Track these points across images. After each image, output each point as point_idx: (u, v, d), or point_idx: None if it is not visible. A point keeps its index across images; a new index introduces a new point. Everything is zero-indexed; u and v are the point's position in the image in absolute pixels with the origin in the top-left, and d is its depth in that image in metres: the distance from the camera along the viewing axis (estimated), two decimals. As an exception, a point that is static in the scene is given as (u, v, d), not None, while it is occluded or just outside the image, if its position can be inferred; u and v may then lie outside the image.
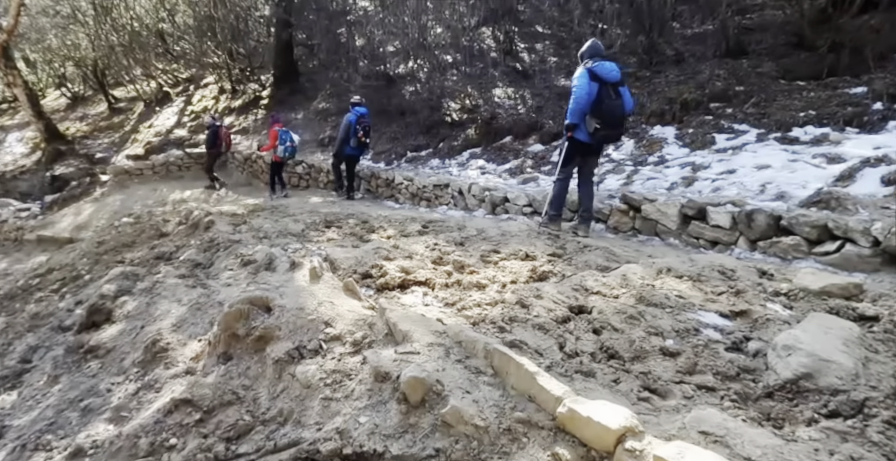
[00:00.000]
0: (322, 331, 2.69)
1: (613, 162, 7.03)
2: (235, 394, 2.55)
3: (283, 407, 2.41)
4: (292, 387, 2.49)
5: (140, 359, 3.14)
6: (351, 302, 3.01)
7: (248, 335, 2.76)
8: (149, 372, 3.03)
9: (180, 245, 6.72)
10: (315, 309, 2.81)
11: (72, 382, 3.59)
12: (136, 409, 2.79)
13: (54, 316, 6.06)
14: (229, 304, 2.88)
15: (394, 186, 8.78)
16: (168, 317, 3.89)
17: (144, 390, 2.89)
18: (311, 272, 3.21)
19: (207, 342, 2.99)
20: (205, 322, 3.61)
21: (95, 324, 4.29)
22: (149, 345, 3.14)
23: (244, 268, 4.85)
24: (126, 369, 3.46)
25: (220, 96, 15.86)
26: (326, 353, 2.60)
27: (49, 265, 7.74)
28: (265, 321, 2.77)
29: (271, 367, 2.60)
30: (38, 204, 11.83)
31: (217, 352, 2.84)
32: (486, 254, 4.43)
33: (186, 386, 2.67)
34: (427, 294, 3.53)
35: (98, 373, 3.56)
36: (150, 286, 4.66)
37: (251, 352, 2.73)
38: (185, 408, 2.53)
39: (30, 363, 5.16)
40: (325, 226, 6.45)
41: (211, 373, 2.72)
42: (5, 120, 20.87)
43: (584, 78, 4.79)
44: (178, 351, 3.10)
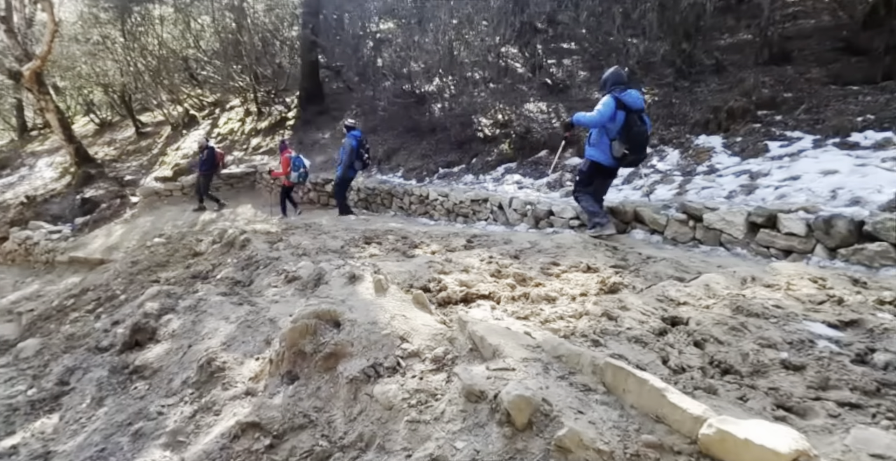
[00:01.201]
0: (398, 347, 2.46)
1: (660, 172, 6.78)
2: (307, 416, 2.32)
3: (363, 431, 2.17)
4: (371, 409, 2.25)
5: (194, 380, 2.93)
6: (423, 315, 2.78)
7: (317, 352, 2.54)
8: (205, 393, 2.82)
9: (216, 263, 6.58)
10: (388, 323, 2.58)
11: (118, 405, 3.39)
12: (195, 434, 2.57)
13: (90, 336, 5.91)
14: (293, 319, 2.67)
15: (427, 203, 8.59)
16: (216, 336, 3.69)
17: (202, 413, 2.67)
18: (377, 284, 2.99)
19: (268, 361, 2.77)
20: (257, 340, 3.41)
21: (139, 344, 4.10)
22: (203, 364, 2.94)
23: (289, 284, 4.67)
24: (177, 390, 3.26)
25: (246, 118, 15.96)
26: (406, 371, 2.36)
27: (83, 285, 7.64)
28: (335, 337, 2.55)
29: (345, 387, 2.37)
30: (70, 226, 11.86)
31: (280, 372, 2.62)
32: (545, 267, 4.19)
33: (251, 408, 2.45)
34: (495, 308, 3.29)
35: (146, 395, 3.36)
36: (194, 304, 4.48)
37: (321, 371, 2.50)
38: (252, 432, 2.30)
39: (67, 385, 4.98)
40: (364, 242, 6.26)
41: (277, 394, 2.49)
42: (35, 146, 21.29)
43: (610, 106, 4.86)
44: (235, 370, 2.89)
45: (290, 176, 9.66)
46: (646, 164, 7.12)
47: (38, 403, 4.78)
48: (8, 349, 6.62)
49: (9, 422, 4.53)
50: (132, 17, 16.22)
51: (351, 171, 8.70)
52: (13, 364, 5.99)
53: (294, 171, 9.65)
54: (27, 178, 17.29)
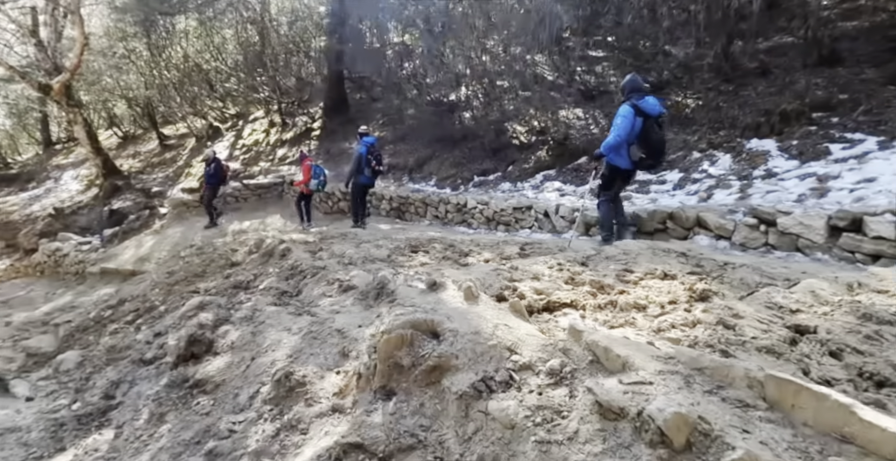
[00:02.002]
0: (507, 359, 2.25)
1: (713, 177, 6.55)
2: (414, 436, 2.11)
3: (482, 452, 1.96)
4: (488, 428, 2.04)
5: (271, 395, 2.73)
6: (525, 325, 2.57)
7: (416, 365, 2.33)
8: (285, 410, 2.61)
9: (257, 273, 6.42)
10: (492, 333, 2.37)
11: (182, 421, 3.20)
12: (282, 455, 2.37)
13: (133, 348, 5.76)
14: (384, 330, 2.46)
15: (465, 211, 8.40)
16: (280, 348, 3.50)
17: (286, 432, 2.47)
18: (467, 292, 2.79)
19: (354, 375, 2.57)
20: (329, 352, 3.21)
21: (195, 356, 3.92)
22: (280, 378, 2.74)
23: (344, 293, 4.48)
24: (245, 406, 3.07)
25: (271, 129, 15.96)
26: (521, 386, 2.15)
27: (119, 296, 7.52)
28: (436, 348, 2.34)
29: (454, 404, 2.15)
30: (98, 237, 11.81)
31: (373, 387, 2.42)
32: (620, 274, 3.97)
33: (348, 427, 2.24)
34: (583, 317, 3.07)
35: (212, 411, 3.16)
36: (250, 314, 4.30)
37: (422, 386, 2.29)
38: (355, 453, 2.09)
39: (113, 399, 4.82)
40: (410, 250, 6.08)
41: (374, 411, 2.28)
42: (60, 159, 21.47)
43: (629, 114, 5.04)
44: (316, 385, 2.69)
45: (309, 184, 9.70)
46: (697, 169, 6.91)
47: (85, 418, 4.62)
48: (47, 361, 6.48)
49: (57, 438, 4.36)
50: (157, 30, 16.32)
51: (362, 177, 8.64)
52: (53, 376, 5.85)
53: (314, 178, 9.73)
54: (53, 191, 17.38)
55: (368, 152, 8.47)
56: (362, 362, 2.54)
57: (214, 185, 11.05)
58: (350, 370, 2.72)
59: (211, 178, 10.93)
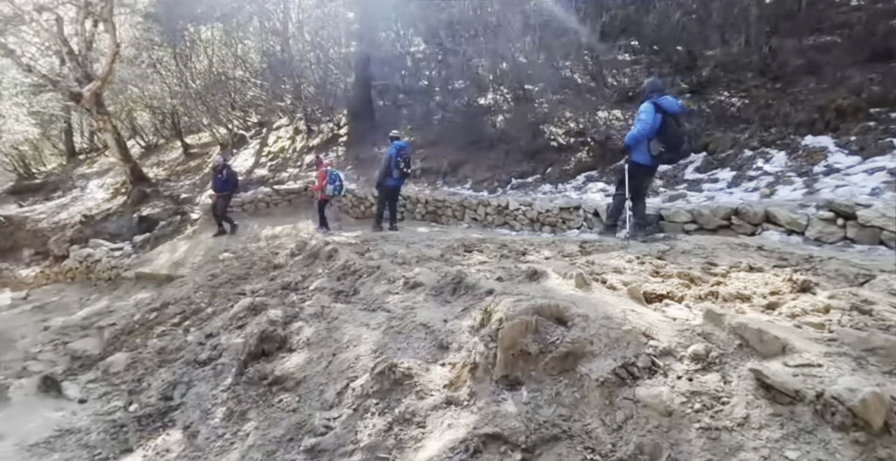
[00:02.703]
0: (646, 345, 2.12)
1: (770, 174, 6.40)
2: (556, 426, 1.98)
3: (639, 441, 1.83)
4: (640, 415, 1.90)
5: (375, 389, 2.60)
6: (649, 311, 2.44)
7: (545, 352, 2.20)
8: (393, 403, 2.48)
9: (305, 274, 6.33)
10: (624, 318, 2.25)
11: (267, 418, 3.08)
12: (399, 448, 2.24)
13: (184, 350, 5.67)
14: (504, 317, 2.33)
15: (507, 213, 8.28)
16: (362, 343, 3.38)
17: (400, 425, 2.34)
18: (578, 279, 2.67)
19: (469, 365, 2.44)
20: (419, 346, 3.08)
21: (265, 354, 3.81)
22: (384, 371, 2.61)
23: (412, 290, 4.37)
24: (334, 402, 2.95)
25: (296, 137, 15.96)
26: (667, 372, 2.01)
27: (163, 299, 7.45)
28: (566, 334, 2.21)
29: (595, 391, 2.02)
30: (130, 243, 11.80)
31: (494, 377, 2.29)
32: (705, 267, 3.83)
33: (478, 418, 2.11)
34: (690, 307, 2.92)
35: (298, 408, 3.04)
36: (320, 311, 4.19)
37: (553, 374, 2.17)
38: (495, 445, 1.97)
39: (171, 400, 4.73)
40: (464, 250, 5.96)
41: (502, 401, 2.15)
42: (84, 168, 21.64)
43: (650, 111, 5.35)
44: (422, 377, 2.56)
45: (325, 189, 9.71)
46: (751, 166, 6.77)
47: (145, 419, 4.52)
48: (93, 364, 6.40)
49: (120, 440, 4.26)
50: (184, 40, 16.46)
51: (390, 179, 8.70)
52: (103, 378, 5.77)
53: (330, 184, 9.73)
54: (79, 199, 17.47)
55: (398, 154, 8.53)
56: (477, 352, 2.41)
57: (228, 193, 10.73)
58: (457, 361, 2.59)
59: (224, 186, 10.50)
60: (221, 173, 10.45)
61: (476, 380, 2.36)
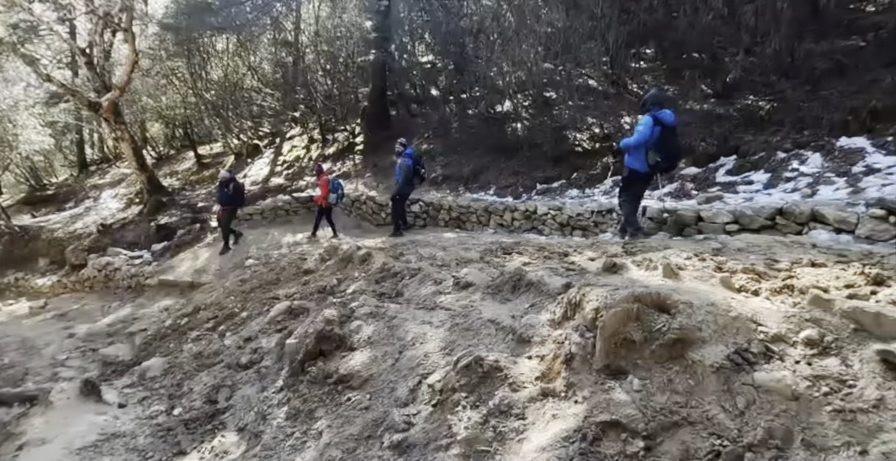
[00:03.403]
0: (755, 331, 2.08)
1: (806, 175, 6.37)
2: (674, 412, 1.93)
3: (768, 425, 1.78)
4: (763, 400, 1.86)
5: (461, 383, 2.54)
6: (749, 298, 2.39)
7: (650, 340, 2.16)
8: (485, 396, 2.43)
9: (341, 278, 6.30)
10: (729, 305, 2.20)
11: (339, 417, 3.02)
12: (501, 440, 2.19)
13: (223, 354, 5.63)
14: (603, 306, 2.29)
15: (535, 218, 8.25)
16: (429, 341, 3.34)
17: (497, 418, 2.29)
18: (666, 269, 2.63)
19: (562, 357, 2.38)
20: (493, 341, 3.05)
21: (323, 353, 3.75)
22: (470, 365, 2.56)
23: (464, 290, 4.33)
24: (407, 399, 2.90)
25: (311, 146, 15.99)
26: (783, 357, 1.96)
27: (194, 305, 7.40)
28: (671, 322, 2.16)
29: (711, 377, 1.98)
30: (149, 252, 11.77)
31: (595, 366, 2.24)
32: (768, 263, 3.77)
33: (587, 407, 2.06)
34: (769, 300, 2.87)
35: (371, 405, 2.99)
36: (374, 311, 4.13)
37: (661, 361, 2.12)
38: (614, 432, 1.91)
39: (216, 403, 4.68)
40: (503, 252, 5.91)
41: (610, 389, 2.10)
42: (96, 179, 21.67)
43: (649, 123, 5.62)
44: (511, 370, 2.50)
45: (328, 198, 9.94)
46: (786, 168, 6.74)
47: (192, 423, 4.47)
48: (127, 369, 6.34)
49: (171, 443, 4.21)
50: (199, 50, 16.58)
51: (408, 186, 9.03)
52: (140, 383, 5.71)
53: (332, 192, 9.99)
54: (93, 209, 17.47)
55: (416, 163, 8.91)
56: (572, 342, 2.36)
57: (234, 208, 10.62)
58: (545, 353, 2.53)
59: (230, 200, 10.37)
60: (228, 187, 10.35)
61: (573, 371, 2.30)
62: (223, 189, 10.39)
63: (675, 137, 5.83)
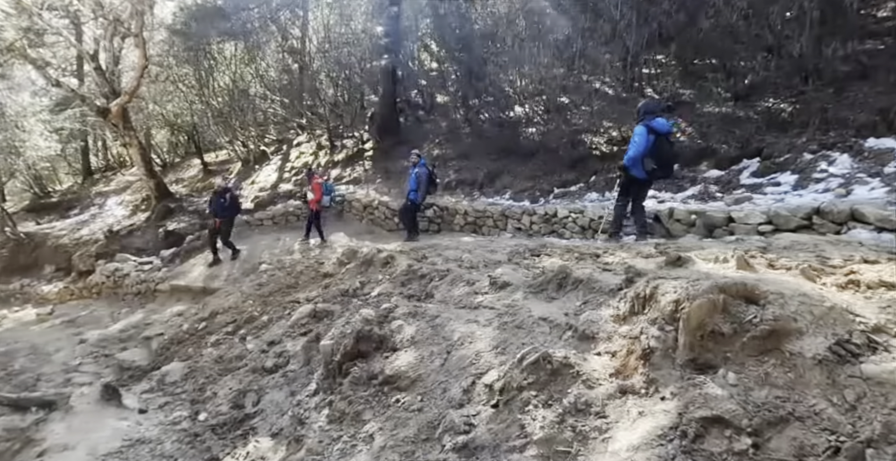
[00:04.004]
0: (854, 322, 1.96)
1: (836, 176, 6.28)
2: (778, 407, 1.82)
3: (886, 419, 1.66)
4: (875, 393, 1.75)
5: (528, 381, 2.41)
6: (829, 288, 2.27)
7: (741, 332, 2.04)
8: (556, 394, 2.30)
9: (364, 281, 6.18)
10: (822, 295, 2.08)
11: (390, 419, 2.89)
12: (581, 440, 2.05)
13: (245, 358, 5.50)
14: (685, 297, 2.17)
15: (555, 221, 8.15)
16: (478, 340, 3.21)
17: (574, 416, 2.16)
18: (740, 261, 2.52)
19: (639, 352, 2.26)
20: (548, 339, 2.92)
21: (362, 354, 3.61)
22: (538, 361, 2.43)
23: (502, 290, 4.23)
24: (461, 399, 2.77)
25: (319, 152, 15.91)
26: (888, 348, 1.84)
27: (210, 309, 7.26)
28: (761, 313, 2.04)
29: (814, 370, 1.87)
30: (158, 258, 11.64)
31: (679, 361, 2.12)
32: (820, 260, 3.65)
33: (683, 402, 1.94)
34: (840, 295, 2.75)
35: (424, 406, 2.85)
36: (412, 311, 4.00)
37: (754, 354, 2.00)
38: (717, 429, 1.78)
39: (243, 408, 4.55)
40: (531, 254, 5.79)
41: (701, 384, 1.98)
42: (101, 187, 21.56)
43: (643, 133, 5.91)
44: (583, 366, 2.37)
45: (322, 200, 10.16)
46: (814, 169, 6.65)
47: (220, 428, 4.33)
48: (145, 374, 6.20)
49: (200, 449, 4.07)
50: (208, 56, 16.55)
51: (421, 194, 9.17)
52: (159, 389, 5.57)
53: (326, 195, 10.23)
54: (99, 216, 17.36)
55: (430, 172, 9.13)
56: (650, 336, 2.24)
57: (230, 218, 10.35)
58: (615, 349, 2.41)
59: (226, 211, 10.12)
60: (224, 197, 10.11)
61: (653, 367, 2.18)
62: (220, 199, 10.12)
63: (669, 145, 6.10)
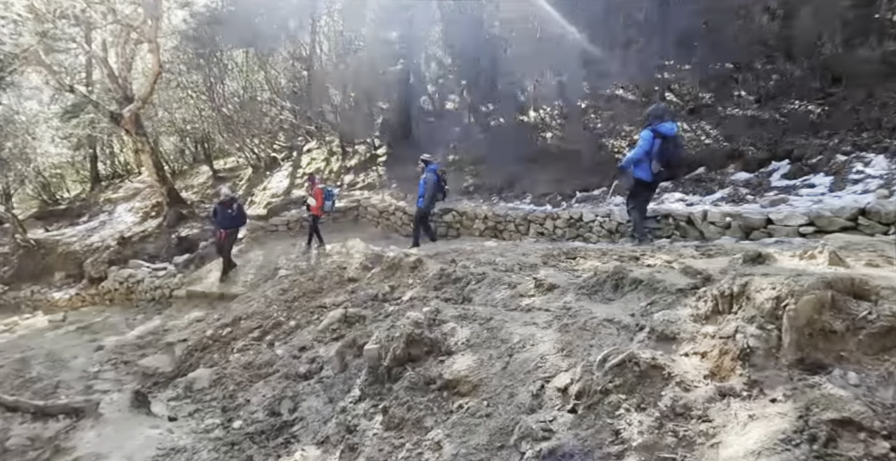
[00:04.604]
0: (982, 319, 1.82)
1: (875, 177, 6.19)
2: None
3: None
4: None
5: (615, 383, 2.27)
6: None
7: (854, 329, 1.91)
8: (648, 397, 2.16)
9: (394, 285, 6.06)
10: (941, 290, 1.95)
11: (457, 425, 2.76)
12: (686, 446, 1.92)
13: (276, 364, 5.36)
14: (789, 293, 2.04)
15: (581, 225, 8.04)
16: (541, 342, 3.09)
17: (673, 421, 2.02)
18: (832, 257, 2.39)
19: (736, 352, 2.13)
20: (615, 341, 2.80)
21: (412, 358, 3.48)
22: (623, 363, 2.29)
23: (550, 292, 4.10)
24: (532, 404, 2.64)
25: (331, 158, 15.84)
26: None
27: (234, 315, 7.12)
28: (876, 309, 1.91)
29: (945, 370, 1.71)
30: (172, 264, 11.52)
31: (784, 360, 1.99)
32: (887, 260, 3.53)
33: (799, 406, 1.80)
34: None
35: (493, 412, 2.72)
36: (461, 314, 3.87)
37: (870, 353, 1.87)
38: (849, 432, 1.65)
39: (280, 415, 4.41)
40: (566, 256, 5.67)
41: (816, 385, 1.85)
42: (109, 194, 21.50)
43: (648, 137, 6.10)
44: (671, 368, 2.24)
45: (324, 206, 10.20)
46: (850, 170, 6.55)
47: (258, 436, 4.20)
48: (169, 381, 6.06)
49: (240, 458, 3.93)
50: (219, 63, 16.54)
51: (432, 202, 9.19)
52: (186, 396, 5.42)
53: (327, 200, 10.27)
54: (108, 223, 17.27)
55: (439, 178, 9.07)
56: (748, 334, 2.11)
57: (237, 229, 10.10)
58: (706, 350, 2.28)
59: (233, 221, 9.76)
60: (232, 208, 9.70)
61: (754, 368, 2.05)
62: (226, 210, 9.67)
63: (676, 148, 6.22)
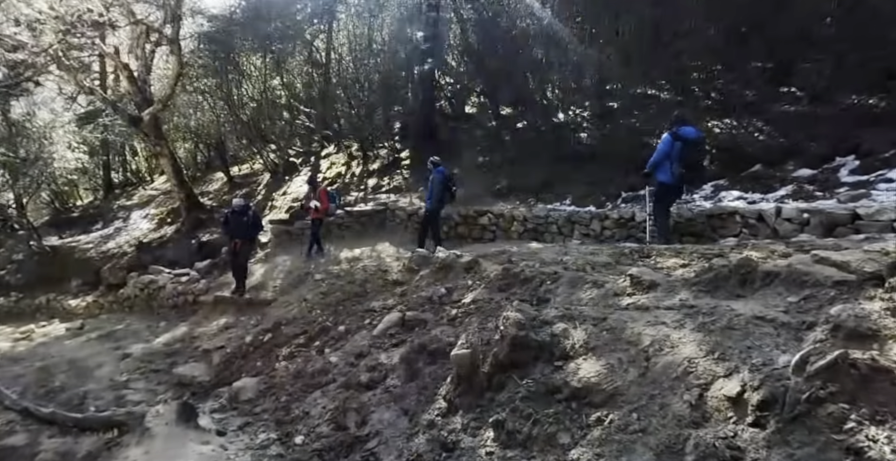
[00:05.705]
0: None
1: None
2: None
3: None
4: None
5: (830, 391, 1.86)
6: None
7: None
8: (880, 408, 1.75)
9: (451, 287, 5.65)
10: None
11: (602, 441, 2.37)
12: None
13: (331, 372, 4.93)
14: None
15: (633, 225, 7.66)
16: (681, 345, 2.68)
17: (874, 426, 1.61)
18: None
19: None
20: (777, 342, 2.41)
21: (516, 364, 3.06)
22: (832, 365, 1.89)
23: (650, 290, 3.68)
24: (692, 417, 2.23)
25: (351, 161, 15.51)
26: None
27: (273, 320, 6.72)
28: None
29: None
30: (194, 269, 11.14)
31: None
32: None
33: None
34: None
35: (646, 427, 2.30)
36: (563, 314, 3.45)
37: None
38: None
39: (348, 429, 3.98)
40: (640, 256, 5.25)
41: None
42: (122, 201, 21.20)
43: (667, 140, 6.27)
44: None
45: (329, 208, 10.06)
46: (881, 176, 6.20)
47: (327, 453, 3.78)
48: (209, 391, 5.65)
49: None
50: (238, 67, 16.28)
51: (440, 203, 9.06)
52: (232, 407, 5.02)
53: (332, 202, 10.24)
54: (124, 230, 16.94)
55: (447, 179, 8.97)
56: None
57: (254, 239, 9.70)
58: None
59: (249, 231, 9.21)
60: (247, 215, 9.16)
61: None
62: (241, 218, 9.08)
63: (697, 152, 6.34)
